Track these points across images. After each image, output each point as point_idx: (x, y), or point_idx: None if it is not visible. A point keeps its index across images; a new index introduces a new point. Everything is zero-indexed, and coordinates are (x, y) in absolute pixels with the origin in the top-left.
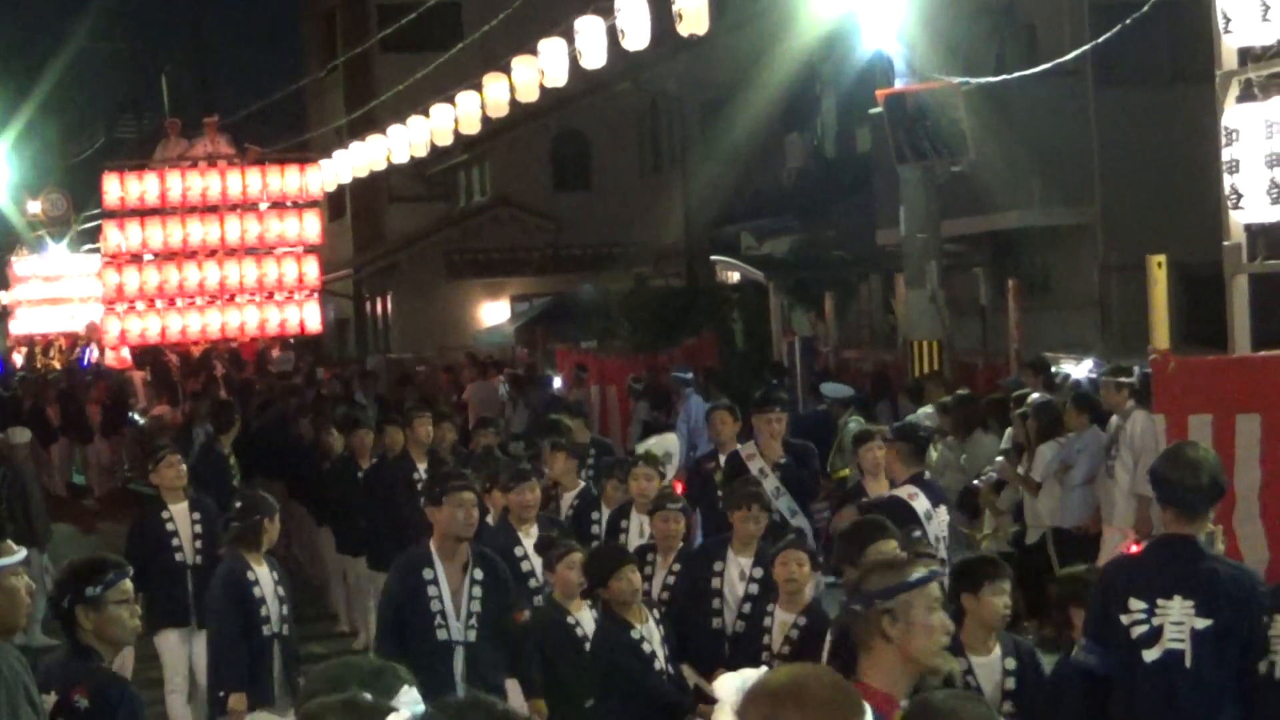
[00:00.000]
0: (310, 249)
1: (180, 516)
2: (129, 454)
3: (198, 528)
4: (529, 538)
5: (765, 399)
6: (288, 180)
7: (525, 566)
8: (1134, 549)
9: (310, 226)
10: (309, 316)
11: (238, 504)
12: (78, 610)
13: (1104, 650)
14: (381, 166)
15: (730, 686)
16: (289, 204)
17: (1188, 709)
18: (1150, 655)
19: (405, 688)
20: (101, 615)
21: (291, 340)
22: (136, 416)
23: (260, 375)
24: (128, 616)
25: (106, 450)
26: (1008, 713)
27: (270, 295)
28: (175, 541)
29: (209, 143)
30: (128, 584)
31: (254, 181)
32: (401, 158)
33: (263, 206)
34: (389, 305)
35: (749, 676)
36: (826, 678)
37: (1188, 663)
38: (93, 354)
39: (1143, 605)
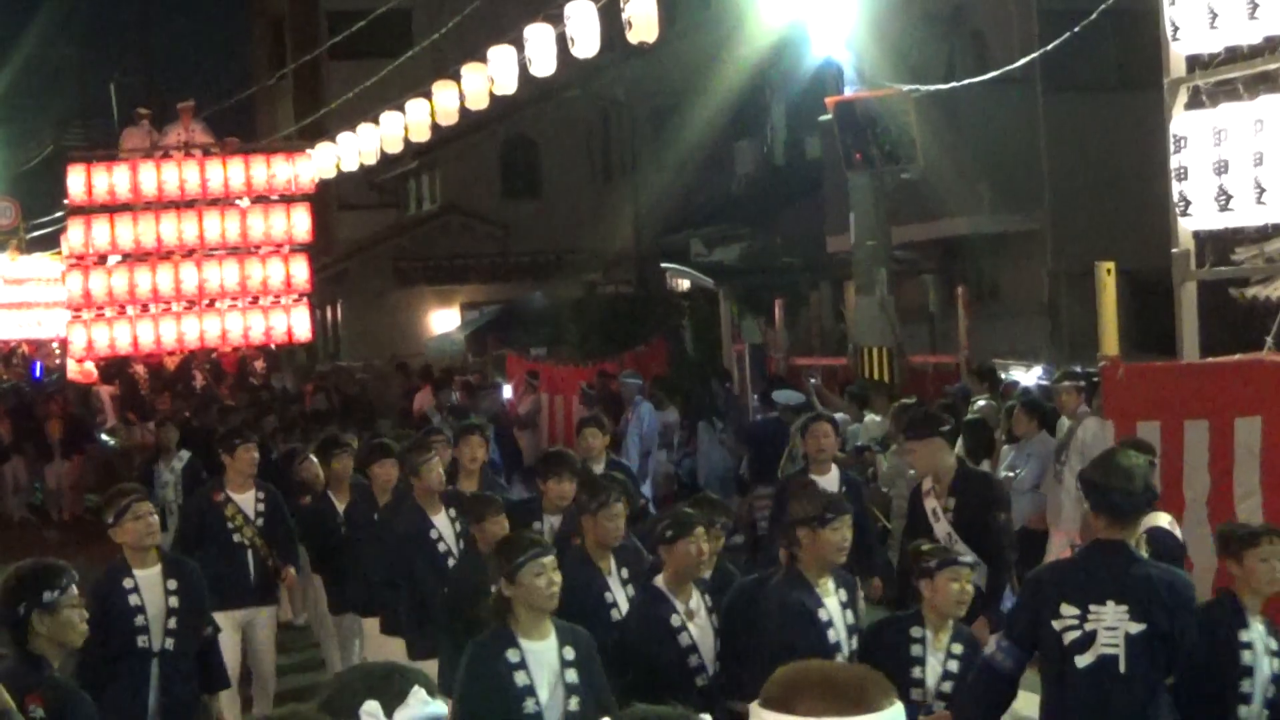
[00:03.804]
0: (298, 248)
1: (149, 585)
2: (95, 476)
3: (172, 600)
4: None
5: (910, 422)
6: (274, 171)
7: (609, 600)
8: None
9: (299, 223)
10: (297, 323)
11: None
12: (33, 617)
13: (1021, 653)
14: (331, 174)
15: None
16: (275, 198)
17: (1121, 714)
18: (1083, 661)
19: (416, 688)
20: (56, 620)
21: (276, 349)
22: (106, 437)
23: (242, 389)
24: (78, 620)
25: (67, 471)
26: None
27: (254, 300)
28: (139, 619)
29: (183, 130)
30: (75, 589)
31: (236, 173)
32: (351, 165)
33: (244, 203)
34: (339, 313)
35: None
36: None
37: (1122, 668)
38: (52, 363)
39: (1075, 611)
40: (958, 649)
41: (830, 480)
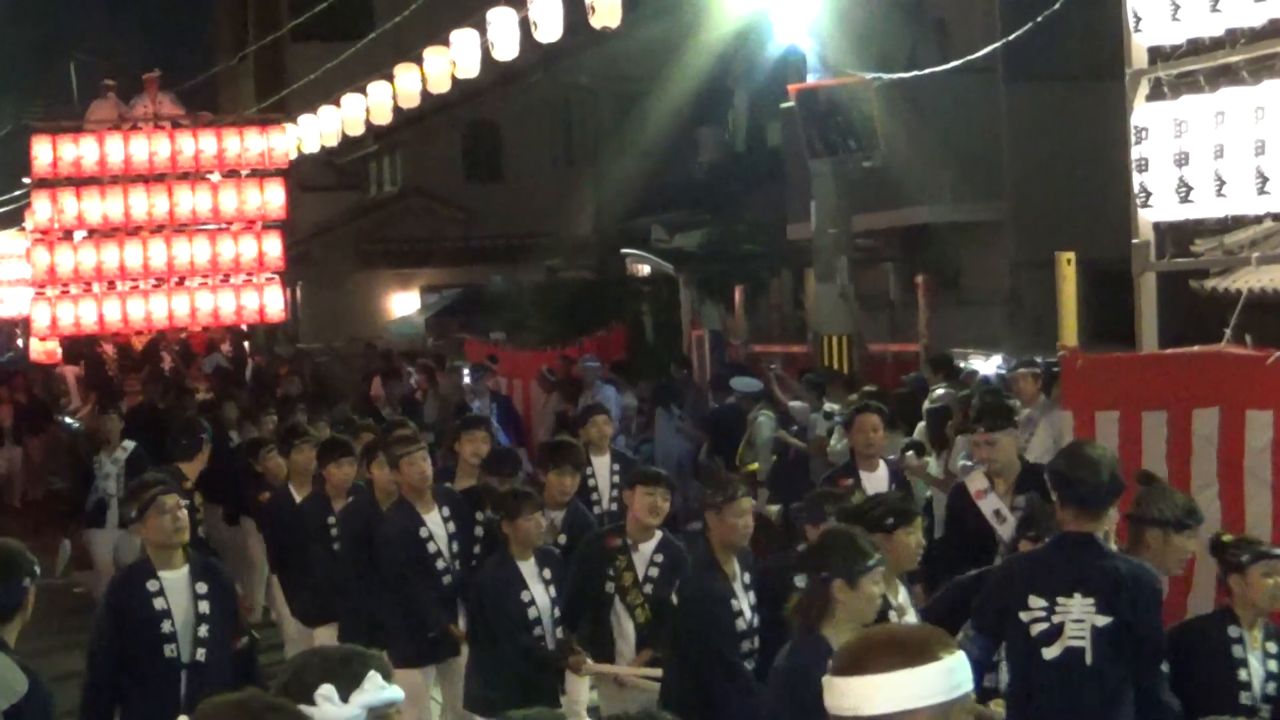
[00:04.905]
0: (271, 224)
1: (175, 589)
2: (55, 462)
3: (202, 606)
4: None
5: (981, 412)
6: (248, 145)
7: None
8: None
9: (273, 198)
10: (270, 301)
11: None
12: None
13: (987, 642)
14: (292, 155)
15: None
16: (246, 172)
17: (1087, 706)
18: (1050, 653)
19: (371, 673)
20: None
21: (245, 329)
22: (70, 420)
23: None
24: (30, 602)
25: (19, 456)
26: None
27: (226, 277)
28: (166, 626)
29: (150, 102)
30: (35, 567)
31: (208, 146)
32: (312, 147)
33: (215, 177)
34: (298, 295)
35: None
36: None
37: (1088, 660)
38: (13, 343)
39: (1043, 603)
40: (1273, 648)
41: (879, 478)
